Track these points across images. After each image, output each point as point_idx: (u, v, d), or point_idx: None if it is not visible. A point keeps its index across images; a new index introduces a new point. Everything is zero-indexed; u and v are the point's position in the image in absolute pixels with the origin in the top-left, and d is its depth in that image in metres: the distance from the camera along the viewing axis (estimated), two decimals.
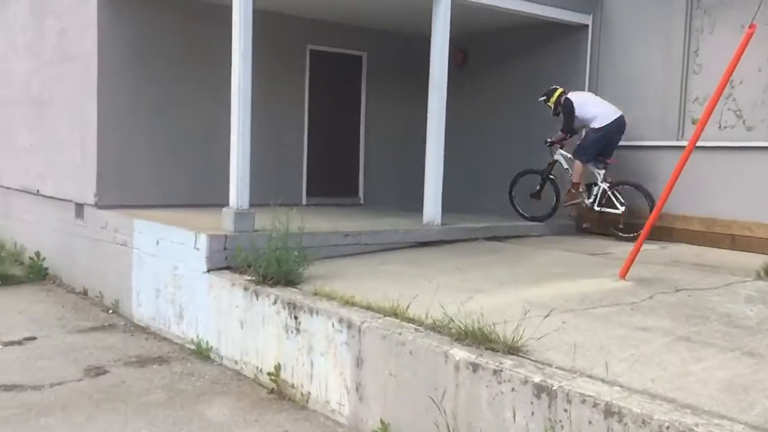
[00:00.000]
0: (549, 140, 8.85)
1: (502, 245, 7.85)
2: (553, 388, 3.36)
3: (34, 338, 6.67)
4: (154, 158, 8.61)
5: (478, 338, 4.01)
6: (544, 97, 8.76)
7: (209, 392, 5.33)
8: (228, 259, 6.32)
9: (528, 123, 9.74)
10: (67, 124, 9.03)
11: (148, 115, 8.55)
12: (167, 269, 6.87)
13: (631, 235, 7.82)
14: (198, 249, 6.37)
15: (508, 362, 3.69)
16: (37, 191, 10.02)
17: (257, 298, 5.58)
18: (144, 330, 7.09)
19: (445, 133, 7.85)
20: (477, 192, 10.33)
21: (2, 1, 11.45)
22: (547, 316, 4.39)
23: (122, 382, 5.52)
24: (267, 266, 5.70)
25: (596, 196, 8.37)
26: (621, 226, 8.19)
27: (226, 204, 6.76)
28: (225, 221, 6.60)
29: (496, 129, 10.24)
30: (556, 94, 8.68)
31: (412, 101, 10.05)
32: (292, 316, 5.18)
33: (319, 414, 4.86)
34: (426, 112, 7.88)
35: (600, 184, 8.35)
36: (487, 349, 3.90)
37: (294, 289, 5.55)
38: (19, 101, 10.78)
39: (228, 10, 6.62)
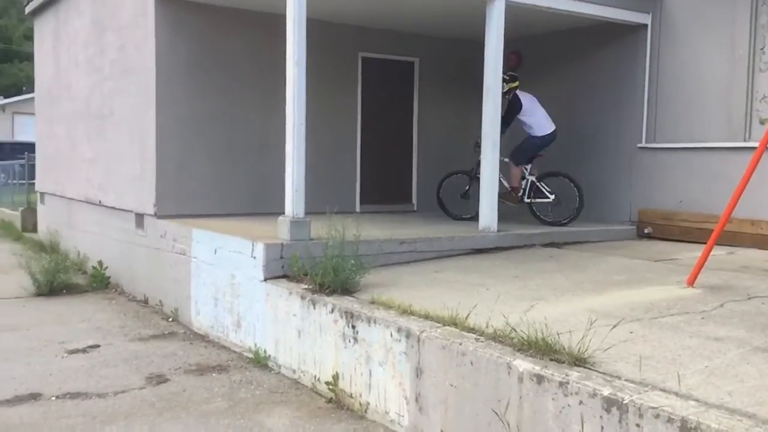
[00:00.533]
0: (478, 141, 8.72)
1: (560, 252, 7.67)
2: (624, 402, 3.23)
3: (97, 346, 6.81)
4: (210, 168, 8.73)
5: (542, 349, 3.89)
6: (507, 77, 8.44)
7: (268, 401, 5.34)
8: (284, 267, 6.34)
9: (584, 127, 9.53)
10: (127, 137, 9.24)
11: (205, 126, 8.68)
12: (225, 278, 6.93)
13: (561, 221, 8.49)
14: (255, 258, 6.41)
15: (574, 374, 3.56)
16: (99, 202, 10.28)
17: (314, 307, 5.57)
18: (203, 338, 7.16)
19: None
20: None
21: (64, 19, 11.84)
22: (614, 326, 4.23)
23: (183, 390, 5.58)
24: (323, 275, 5.69)
25: (524, 189, 8.72)
26: (551, 212, 8.63)
27: (281, 212, 6.79)
28: (281, 230, 6.63)
29: None
30: (516, 83, 8.72)
31: (465, 106, 9.96)
32: (350, 325, 5.15)
33: (378, 424, 4.81)
34: (480, 116, 7.78)
35: (528, 177, 8.70)
36: (551, 360, 3.78)
37: (351, 298, 5.52)
38: (81, 115, 11.11)
39: (282, 19, 6.66)
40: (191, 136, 8.62)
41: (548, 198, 8.61)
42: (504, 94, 8.31)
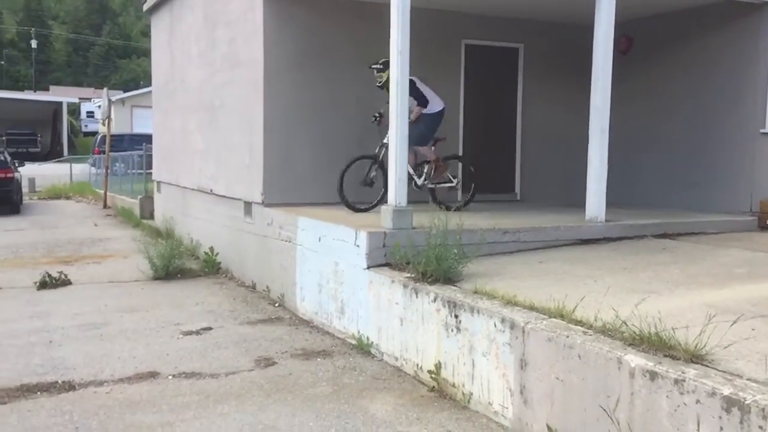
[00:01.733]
0: (380, 117, 8.34)
1: (674, 243, 7.31)
2: (746, 402, 3.04)
3: (210, 329, 7.12)
4: (315, 158, 8.90)
5: (655, 344, 3.73)
6: (380, 66, 7.97)
7: (371, 387, 5.40)
8: (387, 256, 6.39)
9: (701, 112, 9.03)
10: (237, 128, 9.58)
11: (311, 116, 8.86)
12: (329, 265, 7.07)
13: (456, 206, 8.23)
14: (358, 246, 6.50)
15: (691, 371, 3.39)
16: (210, 191, 10.72)
17: (417, 296, 5.59)
18: (307, 324, 7.34)
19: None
20: (640, 186, 9.74)
21: (178, 15, 12.39)
22: (735, 322, 3.99)
23: (289, 373, 5.74)
24: (426, 263, 5.69)
25: (428, 173, 8.29)
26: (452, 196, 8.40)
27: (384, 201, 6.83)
28: (384, 219, 6.68)
29: (664, 120, 9.58)
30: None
31: (572, 92, 9.65)
32: (453, 315, 5.12)
33: (481, 415, 4.77)
34: (587, 102, 7.52)
35: (430, 161, 8.31)
36: (665, 356, 3.62)
37: (454, 287, 5.49)
38: (194, 107, 11.61)
39: (386, 9, 6.68)
40: (296, 126, 8.82)
41: (451, 182, 8.41)
42: (384, 84, 7.82)
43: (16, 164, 19.98)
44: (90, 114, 51.22)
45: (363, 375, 5.70)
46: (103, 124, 22.87)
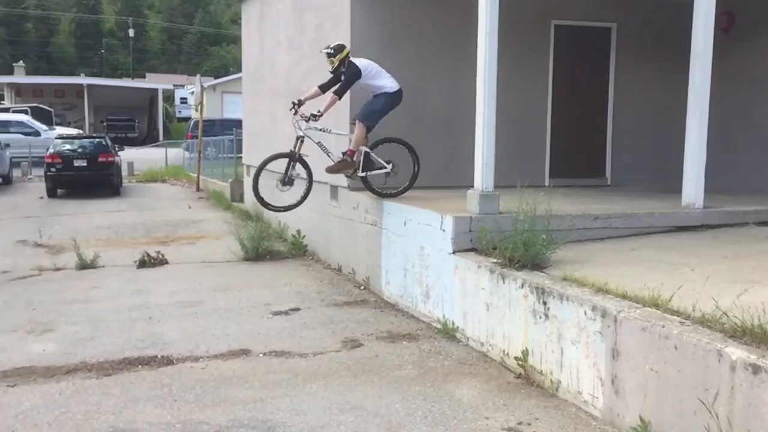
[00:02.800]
0: (298, 104, 7.74)
1: None
2: None
3: (298, 309, 7.30)
4: None
5: (758, 337, 3.56)
6: (330, 51, 7.63)
7: (457, 372, 5.41)
8: (473, 240, 6.35)
9: None
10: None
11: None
12: (414, 249, 7.09)
13: (394, 191, 7.82)
14: (444, 230, 6.48)
15: None
16: (298, 174, 10.91)
17: (503, 281, 5.53)
18: (392, 307, 7.41)
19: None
20: (740, 171, 9.24)
21: (268, 2, 12.62)
22: None
23: (375, 355, 5.82)
24: (513, 249, 5.62)
25: (360, 162, 7.76)
26: (384, 183, 7.84)
27: (470, 185, 6.79)
28: (470, 203, 6.63)
29: (766, 101, 9.04)
30: (344, 53, 7.66)
31: (668, 73, 9.24)
32: (541, 301, 5.05)
33: (569, 404, 4.69)
34: (684, 83, 7.18)
35: (362, 149, 7.72)
36: None
37: (541, 274, 5.40)
38: (281, 92, 11.83)
39: None
40: None
41: (386, 168, 7.86)
42: (338, 66, 7.58)
43: (116, 149, 20.97)
44: (183, 100, 53.19)
45: (448, 359, 5.71)
46: (196, 110, 23.67)
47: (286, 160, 7.82)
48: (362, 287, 8.26)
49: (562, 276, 5.21)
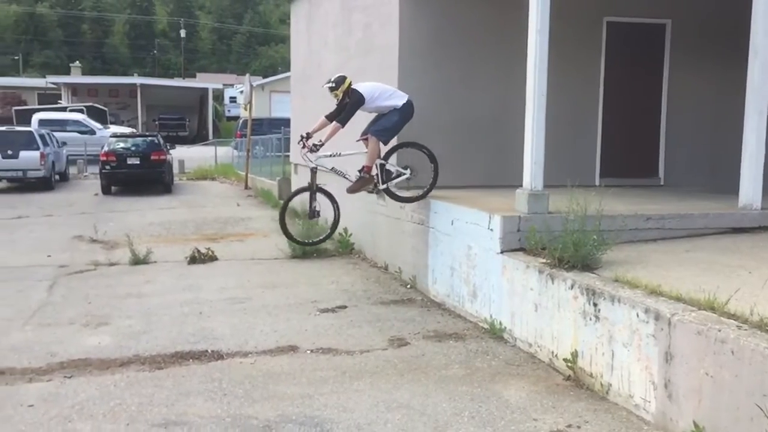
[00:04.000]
0: (306, 137, 7.68)
1: None
2: None
3: (344, 307, 7.34)
4: (447, 141, 8.86)
5: None
6: (332, 85, 7.63)
7: (504, 373, 5.36)
8: (521, 240, 6.29)
9: None
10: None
11: (444, 100, 8.84)
12: (461, 249, 7.06)
13: (417, 196, 7.75)
14: (491, 230, 6.43)
15: None
16: (346, 173, 10.96)
17: (552, 282, 5.46)
18: (439, 306, 7.39)
19: None
20: None
21: (317, 2, 12.72)
22: None
23: (422, 354, 5.81)
24: (563, 249, 5.54)
25: (378, 175, 7.71)
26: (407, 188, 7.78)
27: (518, 184, 6.72)
28: (519, 202, 6.56)
29: None
30: (346, 83, 7.63)
31: (724, 71, 9.00)
32: (591, 303, 4.97)
33: (620, 407, 4.61)
34: (742, 82, 6.97)
35: (377, 161, 7.68)
36: None
37: (592, 275, 5.32)
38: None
39: None
40: (430, 109, 8.80)
41: (405, 174, 7.80)
42: (343, 98, 7.57)
43: (168, 147, 21.43)
44: (232, 99, 54.03)
45: (496, 360, 5.67)
46: (245, 109, 24.00)
47: (307, 194, 7.81)
48: (408, 286, 8.26)
49: (614, 277, 5.12)
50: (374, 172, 7.72)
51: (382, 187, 7.80)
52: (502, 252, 6.28)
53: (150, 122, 43.96)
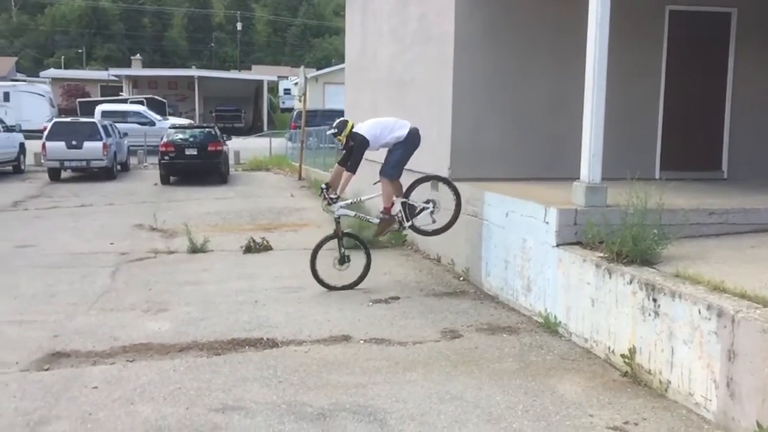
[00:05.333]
0: (326, 189, 7.74)
1: None
2: None
3: (397, 298, 7.36)
4: (502, 132, 8.80)
5: None
6: (335, 131, 7.61)
7: (559, 367, 5.30)
8: (578, 234, 6.19)
9: None
10: (425, 103, 9.71)
11: (498, 91, 8.75)
12: (516, 242, 6.99)
13: (441, 228, 7.71)
14: (547, 223, 6.35)
15: None
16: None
17: (610, 276, 5.36)
18: (492, 299, 7.34)
19: None
20: None
21: None
22: None
23: (475, 347, 5.79)
24: (621, 243, 5.44)
25: (401, 213, 7.67)
26: (433, 221, 7.72)
27: (574, 177, 6.61)
28: (576, 195, 6.46)
29: None
30: (348, 127, 7.58)
31: None
32: (650, 298, 4.86)
33: (680, 405, 4.50)
34: None
35: (396, 203, 7.65)
36: None
37: (651, 270, 5.20)
38: (384, 83, 11.93)
39: None
40: (484, 101, 8.76)
41: (428, 208, 7.71)
42: (347, 141, 7.53)
43: (224, 138, 21.81)
44: (287, 91, 54.64)
45: (550, 354, 5.61)
46: (299, 101, 24.24)
47: (335, 240, 7.80)
48: (461, 278, 8.23)
49: (674, 273, 5.00)
50: (396, 210, 7.71)
51: (407, 224, 7.74)
52: (557, 245, 6.20)
53: (207, 114, 44.84)
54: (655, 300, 4.80)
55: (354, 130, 7.60)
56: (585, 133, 6.42)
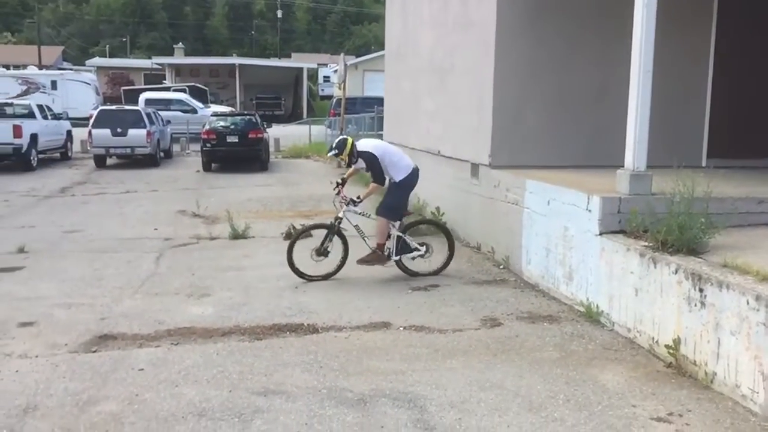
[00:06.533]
0: (342, 184, 7.85)
1: None
2: None
3: (437, 286, 7.35)
4: (544, 119, 8.69)
5: None
6: (335, 151, 7.62)
7: (601, 357, 5.24)
8: (621, 222, 6.09)
9: None
10: (466, 90, 9.63)
11: (541, 77, 8.63)
12: (557, 230, 6.91)
13: (432, 271, 7.71)
14: (590, 211, 6.26)
15: None
16: (438, 152, 10.95)
17: (655, 266, 5.27)
18: (533, 287, 7.28)
19: None
20: None
21: None
22: None
23: (515, 335, 5.75)
24: (667, 232, 5.34)
25: (391, 247, 7.59)
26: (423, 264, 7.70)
27: (617, 165, 6.49)
28: (620, 183, 6.35)
29: None
30: (348, 145, 7.55)
31: None
32: (696, 288, 4.76)
33: (725, 397, 4.42)
34: None
35: (392, 232, 7.61)
36: None
37: (698, 259, 5.09)
38: (424, 70, 11.87)
39: None
40: (526, 87, 8.64)
41: (419, 250, 7.69)
42: (349, 159, 7.56)
43: (265, 126, 21.98)
44: (326, 78, 54.77)
45: (592, 343, 5.54)
46: (339, 88, 24.26)
47: (324, 231, 7.75)
48: (501, 266, 8.17)
49: (722, 262, 4.89)
50: (387, 248, 7.67)
51: (394, 258, 7.68)
52: (600, 234, 6.11)
53: (247, 101, 45.22)
54: (701, 290, 4.71)
55: (358, 149, 7.60)
56: (630, 118, 6.29)
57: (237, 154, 19.78)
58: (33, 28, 62.06)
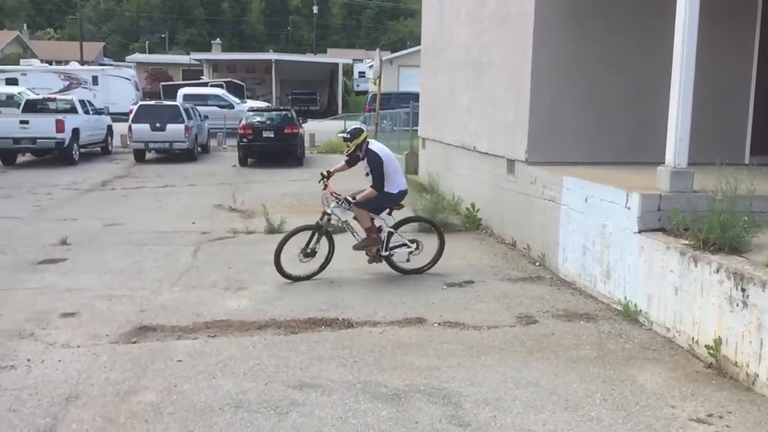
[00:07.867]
0: (327, 177, 7.84)
1: None
2: None
3: (471, 282, 7.32)
4: (582, 115, 8.58)
5: None
6: (347, 135, 7.54)
7: (639, 357, 5.17)
8: (661, 220, 6.00)
9: None
10: (502, 85, 9.56)
11: (578, 72, 8.52)
12: (595, 227, 6.83)
13: (420, 268, 7.70)
14: (629, 208, 6.17)
15: None
16: (474, 147, 10.90)
17: (695, 265, 5.17)
18: (569, 285, 7.21)
19: None
20: None
21: None
22: None
23: (551, 333, 5.71)
24: (708, 230, 5.23)
25: (384, 241, 7.58)
26: (408, 260, 7.67)
27: (657, 162, 6.39)
28: (660, 180, 6.24)
29: None
30: (361, 137, 7.48)
31: None
32: (739, 288, 4.66)
33: (767, 399, 4.32)
34: None
35: (385, 228, 7.60)
36: None
37: (740, 258, 4.99)
38: (460, 65, 11.82)
39: None
40: (564, 82, 8.54)
41: (409, 247, 7.63)
42: (354, 151, 7.50)
43: (300, 121, 22.10)
44: (361, 74, 54.82)
45: (630, 343, 5.47)
46: (374, 84, 24.27)
47: (310, 232, 7.64)
48: (537, 263, 8.11)
49: (765, 262, 4.77)
50: (383, 234, 7.61)
51: (384, 253, 7.62)
52: (639, 232, 6.02)
53: (283, 97, 45.51)
54: (743, 290, 4.61)
55: (369, 146, 7.55)
56: (671, 114, 6.18)
57: (273, 149, 19.91)
58: (75, 24, 63.37)
